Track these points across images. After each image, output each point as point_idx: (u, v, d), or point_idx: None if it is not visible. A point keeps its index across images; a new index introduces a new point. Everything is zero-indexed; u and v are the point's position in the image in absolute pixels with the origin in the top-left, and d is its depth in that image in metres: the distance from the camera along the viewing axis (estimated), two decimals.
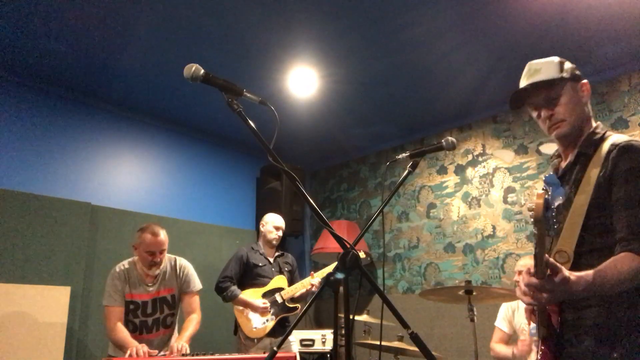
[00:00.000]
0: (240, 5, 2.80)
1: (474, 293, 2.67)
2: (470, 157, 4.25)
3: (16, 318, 3.03)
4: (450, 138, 1.88)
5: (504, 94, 4.20)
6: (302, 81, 3.65)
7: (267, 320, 3.34)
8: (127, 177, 4.07)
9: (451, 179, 4.34)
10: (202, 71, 1.43)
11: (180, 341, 2.62)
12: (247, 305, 3.33)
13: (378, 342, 3.00)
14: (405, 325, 1.34)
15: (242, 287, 3.44)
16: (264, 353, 3.07)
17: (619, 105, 3.48)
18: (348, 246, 1.33)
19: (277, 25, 2.98)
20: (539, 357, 1.36)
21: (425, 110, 4.20)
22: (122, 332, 2.58)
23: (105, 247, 3.66)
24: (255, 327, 3.30)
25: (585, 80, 1.50)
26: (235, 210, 4.85)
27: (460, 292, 2.70)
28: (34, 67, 3.42)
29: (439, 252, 4.26)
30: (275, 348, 1.47)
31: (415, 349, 2.29)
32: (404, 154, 1.90)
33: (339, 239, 1.35)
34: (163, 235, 2.76)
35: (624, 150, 1.29)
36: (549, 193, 1.28)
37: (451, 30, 3.04)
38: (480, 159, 4.18)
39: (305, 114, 4.21)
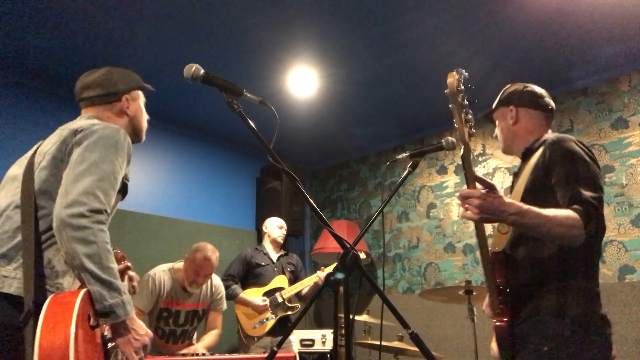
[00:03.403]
0: (240, 5, 2.80)
1: (474, 293, 2.67)
2: (470, 157, 4.24)
3: None
4: (450, 138, 1.88)
5: None
6: (302, 81, 3.65)
7: (267, 319, 3.35)
8: None
9: (451, 179, 4.34)
10: (202, 71, 1.43)
11: (199, 345, 2.82)
12: (247, 303, 3.35)
13: (378, 342, 3.00)
14: (405, 325, 1.34)
15: (244, 286, 3.46)
16: (264, 352, 3.07)
17: (619, 105, 3.48)
18: (348, 246, 1.33)
19: (277, 25, 2.98)
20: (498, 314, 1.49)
21: (425, 110, 4.19)
22: None
23: None
24: (255, 326, 3.32)
25: (511, 107, 1.75)
26: (235, 210, 4.84)
27: (460, 292, 2.70)
28: (34, 67, 3.42)
29: (439, 252, 4.26)
30: (275, 348, 1.47)
31: (415, 349, 2.29)
32: (404, 154, 1.91)
33: (339, 239, 1.35)
34: (214, 260, 2.81)
35: (557, 140, 1.51)
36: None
37: (451, 30, 3.04)
38: (480, 159, 4.18)
39: (305, 114, 4.21)
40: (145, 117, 1.76)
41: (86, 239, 1.22)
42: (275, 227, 3.69)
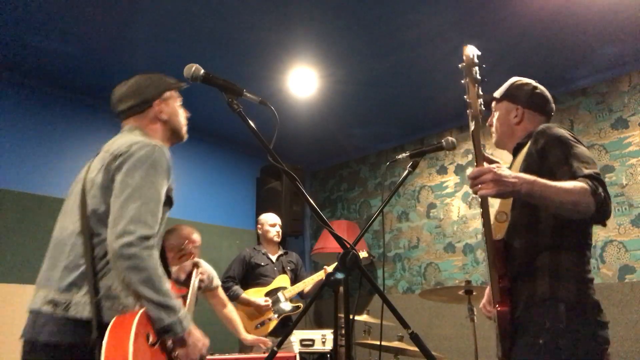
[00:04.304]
0: (240, 5, 2.80)
1: (474, 293, 2.67)
2: (470, 157, 4.25)
3: (16, 318, 3.03)
4: (450, 138, 1.88)
5: None
6: (302, 81, 3.65)
7: (270, 319, 3.35)
8: None
9: (451, 179, 4.34)
10: (202, 71, 1.43)
11: (250, 336, 2.89)
12: (249, 304, 3.34)
13: (378, 342, 3.00)
14: (405, 325, 1.34)
15: (245, 287, 3.45)
16: (265, 353, 3.07)
17: (619, 105, 3.48)
18: (348, 246, 1.33)
19: (277, 25, 2.98)
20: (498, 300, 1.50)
21: (425, 110, 4.20)
22: None
23: None
24: (258, 326, 3.32)
25: (517, 106, 1.75)
26: (235, 210, 4.84)
27: (460, 292, 2.70)
28: (35, 67, 3.42)
29: (439, 252, 4.26)
30: (275, 348, 1.47)
31: (415, 349, 2.28)
32: (404, 154, 1.91)
33: (339, 239, 1.35)
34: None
35: (545, 128, 1.55)
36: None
37: (451, 30, 3.04)
38: None
39: (305, 114, 4.21)
40: (182, 116, 1.80)
41: (138, 266, 1.30)
42: (268, 227, 3.66)
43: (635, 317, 3.05)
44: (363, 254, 3.58)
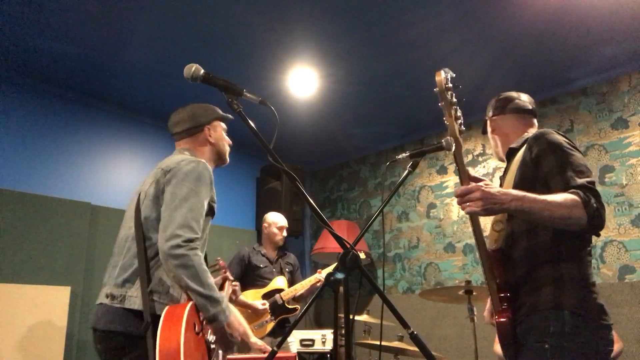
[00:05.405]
0: (240, 6, 2.80)
1: (474, 293, 2.67)
2: (470, 157, 4.25)
3: (16, 318, 3.03)
4: (450, 138, 1.88)
5: None
6: (302, 81, 3.65)
7: (267, 321, 3.35)
8: (127, 177, 4.06)
9: (451, 179, 4.34)
10: (202, 71, 1.43)
11: (260, 341, 2.82)
12: (246, 306, 3.33)
13: (378, 342, 3.00)
14: (405, 325, 1.33)
15: (243, 288, 3.44)
16: (264, 353, 3.07)
17: (619, 105, 3.48)
18: (348, 246, 1.33)
19: (277, 25, 2.98)
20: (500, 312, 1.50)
21: (425, 110, 4.19)
22: None
23: (105, 247, 3.65)
24: (255, 328, 3.31)
25: (487, 118, 1.87)
26: (235, 210, 4.84)
27: (460, 292, 2.70)
28: (34, 67, 3.42)
29: (439, 252, 4.26)
30: (275, 348, 1.47)
31: (415, 349, 2.28)
32: (404, 154, 1.90)
33: (339, 239, 1.35)
34: None
35: (540, 134, 1.54)
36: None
37: (451, 30, 3.04)
38: (480, 159, 4.18)
39: (305, 114, 4.21)
40: (227, 142, 2.10)
41: (186, 264, 1.53)
42: (275, 230, 3.65)
43: (636, 317, 3.05)
44: (361, 255, 3.58)
